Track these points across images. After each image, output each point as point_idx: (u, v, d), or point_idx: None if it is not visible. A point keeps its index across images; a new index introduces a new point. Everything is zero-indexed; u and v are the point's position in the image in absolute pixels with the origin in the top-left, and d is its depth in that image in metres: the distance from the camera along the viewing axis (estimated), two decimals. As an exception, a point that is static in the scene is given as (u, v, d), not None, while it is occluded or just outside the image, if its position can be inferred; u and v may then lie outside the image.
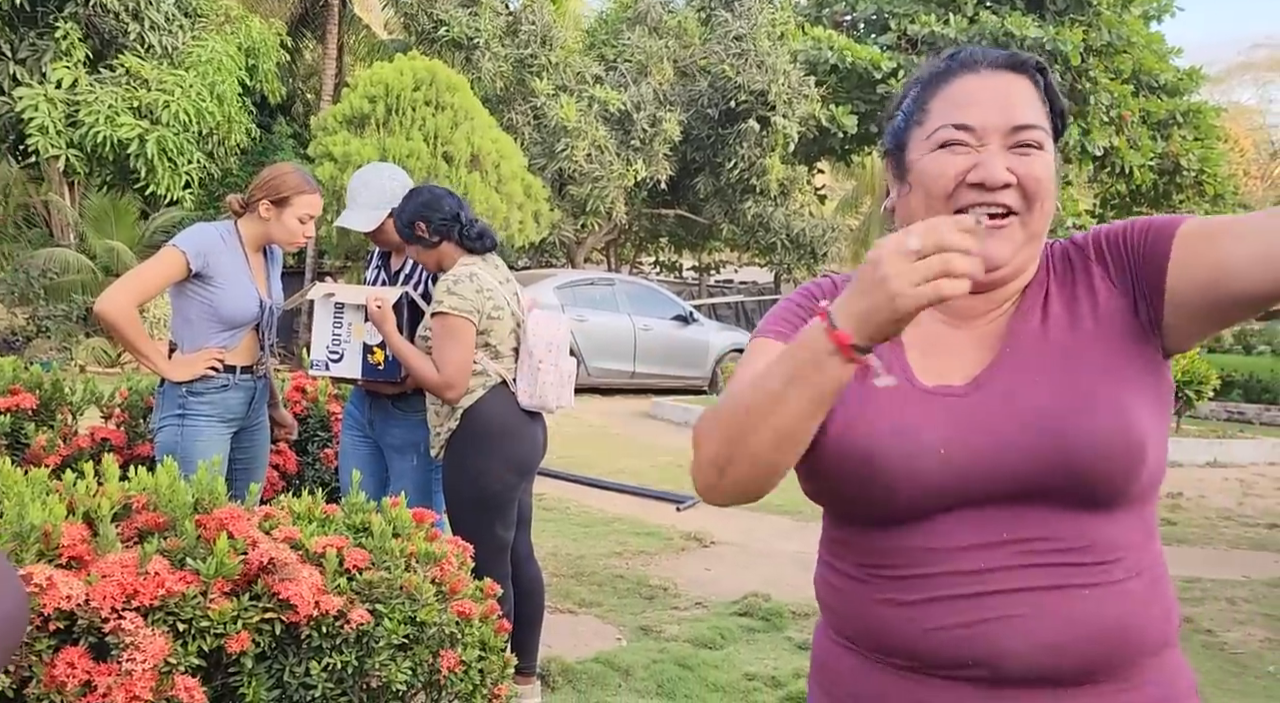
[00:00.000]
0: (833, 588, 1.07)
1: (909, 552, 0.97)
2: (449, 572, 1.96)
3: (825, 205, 19.53)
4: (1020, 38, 15.41)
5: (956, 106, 1.01)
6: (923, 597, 0.96)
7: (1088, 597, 0.93)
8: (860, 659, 1.03)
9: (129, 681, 1.48)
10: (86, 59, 9.91)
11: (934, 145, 1.01)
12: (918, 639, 0.96)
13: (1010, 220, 0.99)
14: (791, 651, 3.29)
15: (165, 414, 2.59)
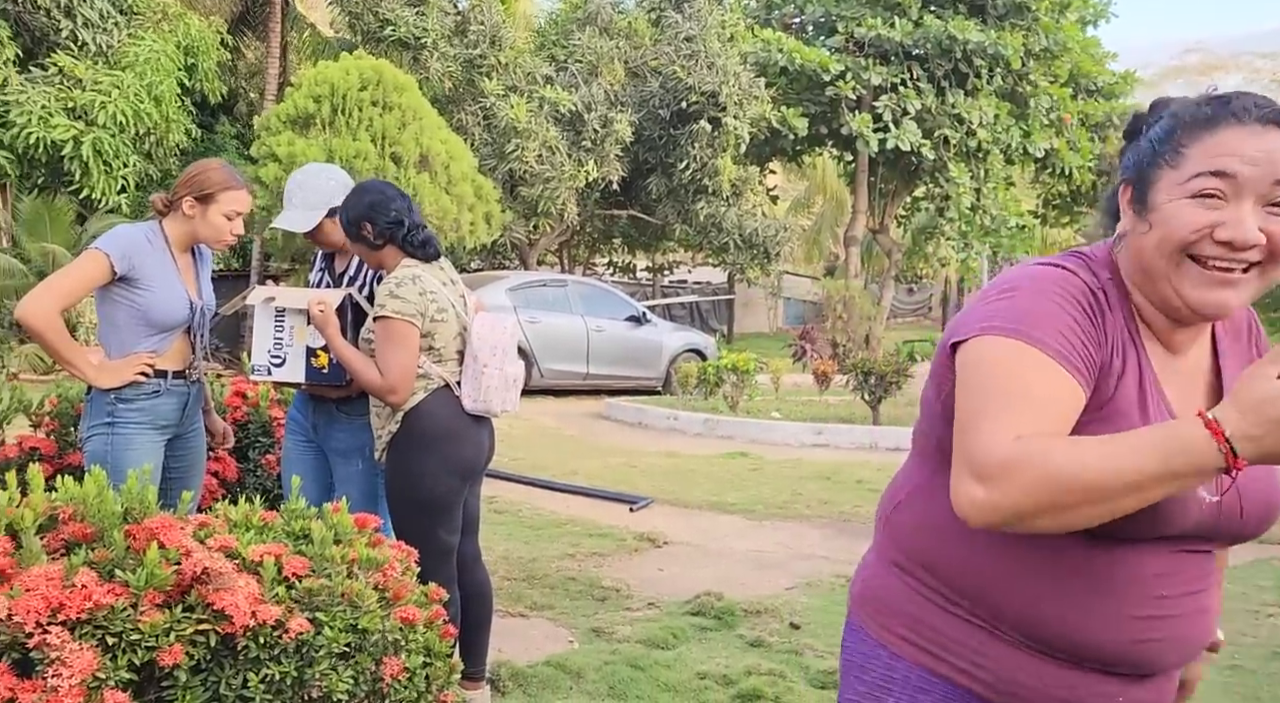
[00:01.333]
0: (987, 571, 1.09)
1: (1106, 566, 1.05)
2: (392, 578, 1.93)
3: (777, 206, 19.72)
4: (963, 41, 15.74)
5: (1218, 157, 1.00)
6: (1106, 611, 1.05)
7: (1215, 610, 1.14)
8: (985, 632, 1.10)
9: (55, 697, 1.42)
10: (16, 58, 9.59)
11: (1187, 193, 1.01)
12: (1121, 649, 1.06)
13: (1250, 274, 1.02)
14: (743, 649, 3.30)
15: (94, 423, 2.51)
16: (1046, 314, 1.02)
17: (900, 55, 16.24)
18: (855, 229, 18.65)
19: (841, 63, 16.03)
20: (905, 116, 16.08)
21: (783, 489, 6.28)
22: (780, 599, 3.91)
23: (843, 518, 5.53)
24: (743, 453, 7.81)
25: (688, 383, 10.44)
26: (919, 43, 16.01)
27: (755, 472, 7.01)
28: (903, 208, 20.02)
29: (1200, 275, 1.02)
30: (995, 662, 1.09)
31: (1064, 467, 0.90)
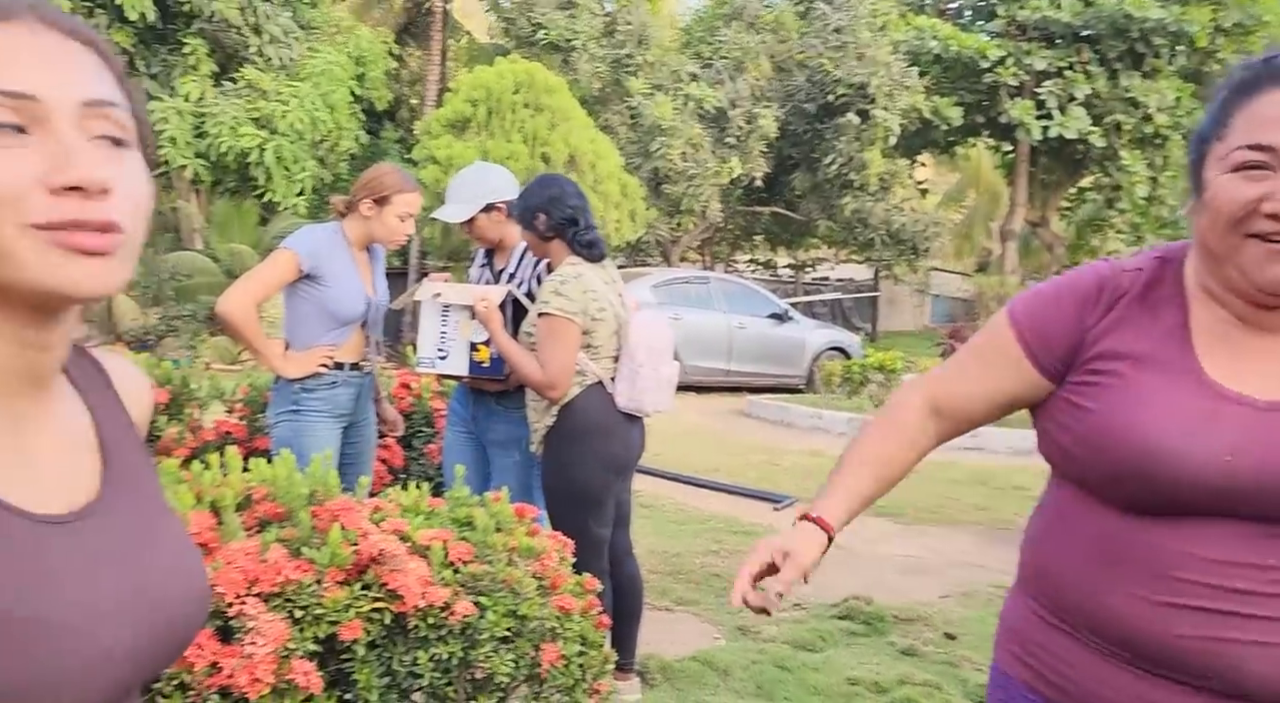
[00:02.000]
0: (1063, 565, 1.07)
1: (1165, 551, 0.98)
2: (549, 567, 1.99)
3: (927, 199, 18.99)
4: (1141, 19, 14.60)
5: (1259, 125, 0.94)
6: (1172, 600, 0.98)
7: None
8: (1076, 643, 1.06)
9: (251, 663, 1.55)
10: (212, 73, 10.50)
11: (1229, 166, 0.96)
12: (1167, 642, 0.98)
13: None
14: (895, 657, 3.21)
15: (280, 410, 2.72)
16: (1045, 294, 1.11)
17: (1068, 37, 15.26)
18: (1013, 222, 17.72)
19: (1001, 48, 15.24)
20: (1072, 102, 15.11)
21: (934, 493, 6.06)
22: (933, 608, 3.77)
23: (999, 525, 5.28)
24: (890, 455, 7.57)
25: (832, 381, 10.23)
26: (1090, 23, 14.99)
27: (903, 474, 6.78)
28: (1066, 199, 18.86)
29: (1263, 253, 0.94)
30: (1080, 672, 1.05)
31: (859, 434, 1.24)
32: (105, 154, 0.62)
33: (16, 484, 0.62)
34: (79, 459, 0.68)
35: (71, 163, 0.59)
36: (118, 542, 0.67)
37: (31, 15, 0.61)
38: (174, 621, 0.68)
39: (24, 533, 0.61)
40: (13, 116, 0.58)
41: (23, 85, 0.59)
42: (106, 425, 0.72)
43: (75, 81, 0.61)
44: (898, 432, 1.21)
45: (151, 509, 0.72)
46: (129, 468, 0.72)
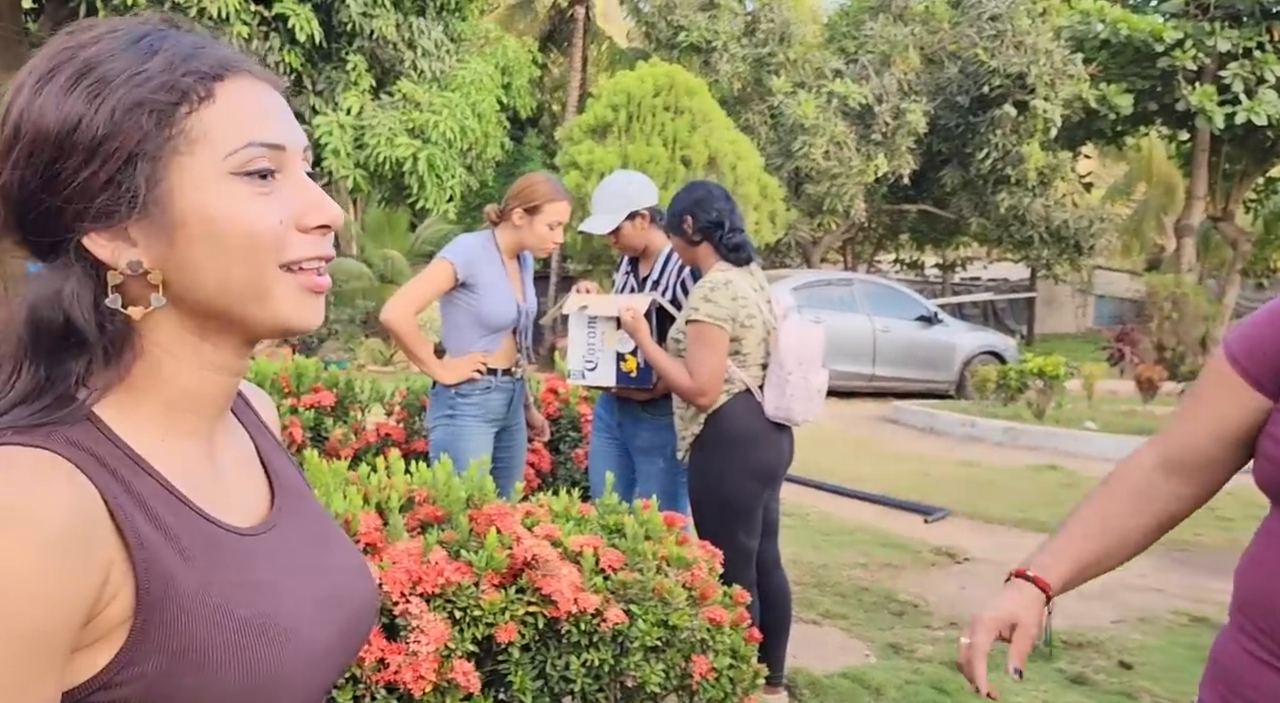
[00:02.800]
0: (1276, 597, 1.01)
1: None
2: (699, 577, 1.96)
3: (1091, 194, 17.84)
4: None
5: None
6: None
7: None
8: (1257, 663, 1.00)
9: (415, 660, 1.59)
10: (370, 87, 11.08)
11: None
12: None
13: None
14: (1063, 684, 3.00)
15: (437, 414, 2.81)
16: (1261, 315, 1.05)
17: (1257, 15, 13.94)
18: (1191, 217, 16.37)
19: (1179, 29, 14.10)
20: (1262, 85, 13.81)
21: (1101, 510, 5.65)
22: (1106, 633, 3.51)
23: (1179, 547, 4.87)
24: (1052, 466, 7.14)
25: (985, 387, 9.74)
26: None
27: (1068, 488, 6.37)
28: (1253, 190, 17.28)
29: None
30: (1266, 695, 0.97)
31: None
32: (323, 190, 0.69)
33: (218, 503, 0.67)
34: (253, 477, 0.74)
35: (324, 205, 0.67)
36: (301, 549, 0.71)
37: (248, 70, 0.67)
38: (359, 617, 0.73)
39: (233, 544, 0.65)
40: (272, 164, 0.65)
41: (278, 137, 0.66)
42: (261, 443, 0.78)
43: (297, 128, 0.69)
44: (1122, 490, 1.14)
45: (318, 517, 0.77)
46: (290, 481, 0.77)
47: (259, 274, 0.64)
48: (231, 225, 0.63)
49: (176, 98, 0.63)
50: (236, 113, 0.64)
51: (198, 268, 0.63)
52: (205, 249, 0.63)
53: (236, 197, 0.63)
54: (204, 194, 0.63)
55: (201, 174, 0.63)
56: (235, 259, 0.63)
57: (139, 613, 0.59)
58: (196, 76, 0.64)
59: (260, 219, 0.64)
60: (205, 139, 0.63)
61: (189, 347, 0.65)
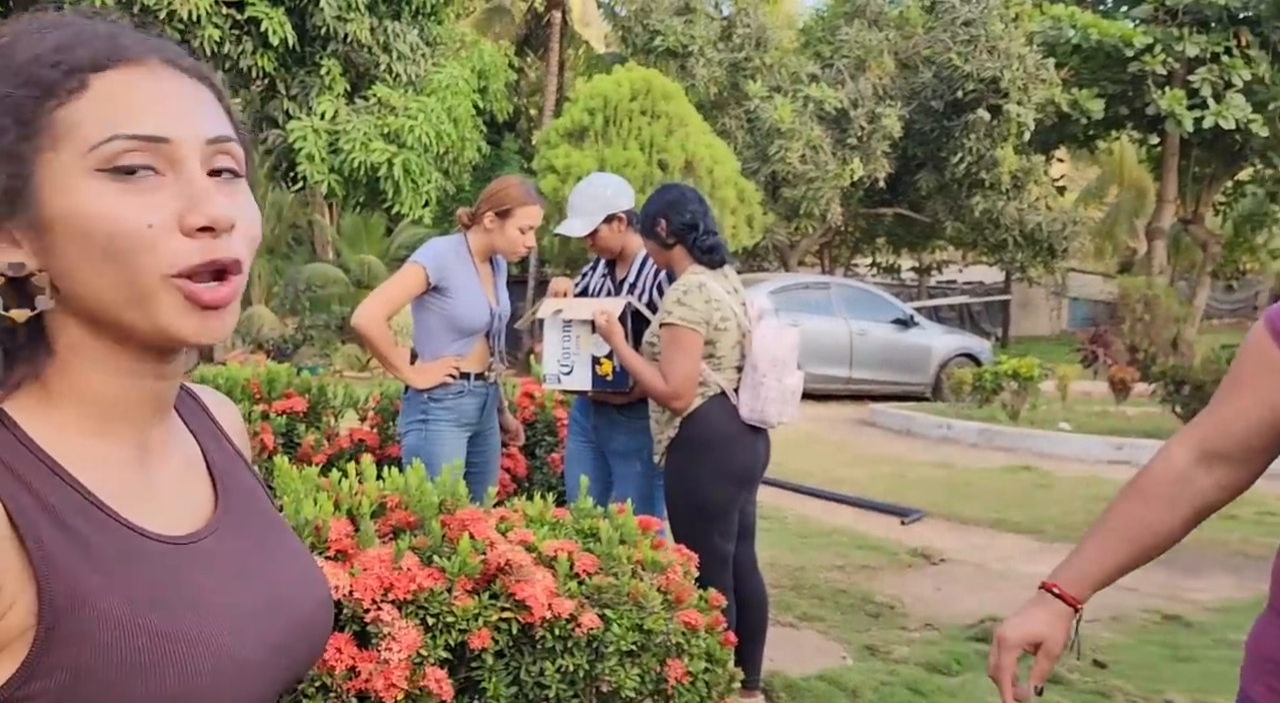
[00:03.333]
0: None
1: None
2: (674, 581, 1.95)
3: (1064, 197, 18.05)
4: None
5: None
6: None
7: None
8: None
9: (387, 669, 1.58)
10: (345, 91, 11.02)
11: None
12: None
13: None
14: (1036, 684, 3.02)
15: (410, 419, 2.79)
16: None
17: (1225, 20, 14.17)
18: (1161, 220, 16.61)
19: (1148, 34, 14.30)
20: (1230, 89, 14.03)
21: (1075, 509, 5.71)
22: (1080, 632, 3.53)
23: (1150, 547, 4.92)
24: (1026, 467, 7.21)
25: (961, 389, 9.82)
26: (1250, 4, 13.89)
27: (1042, 488, 6.43)
28: (1222, 194, 17.56)
29: None
30: None
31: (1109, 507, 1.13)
32: (228, 190, 0.63)
33: (146, 510, 0.65)
34: (194, 484, 0.71)
35: (203, 203, 0.60)
36: (241, 557, 0.69)
37: (155, 57, 0.63)
38: (302, 628, 0.70)
39: (157, 554, 0.63)
40: (149, 159, 0.60)
41: (156, 128, 0.60)
42: (212, 451, 0.75)
43: (200, 120, 0.63)
44: (1154, 489, 1.11)
45: (266, 525, 0.74)
46: (239, 489, 0.74)
47: (132, 280, 0.59)
48: (94, 226, 0.58)
49: (39, 92, 0.59)
50: (110, 104, 0.60)
51: (74, 271, 0.59)
52: (76, 252, 0.59)
53: (100, 195, 0.59)
54: (68, 193, 0.59)
55: (65, 171, 0.59)
56: (104, 264, 0.59)
57: (41, 624, 0.57)
58: (66, 68, 0.59)
59: (123, 220, 0.59)
60: (72, 134, 0.59)
61: (95, 351, 0.63)
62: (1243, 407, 1.05)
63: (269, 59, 10.33)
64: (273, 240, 16.42)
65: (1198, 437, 1.09)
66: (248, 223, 0.64)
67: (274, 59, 10.42)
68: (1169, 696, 2.90)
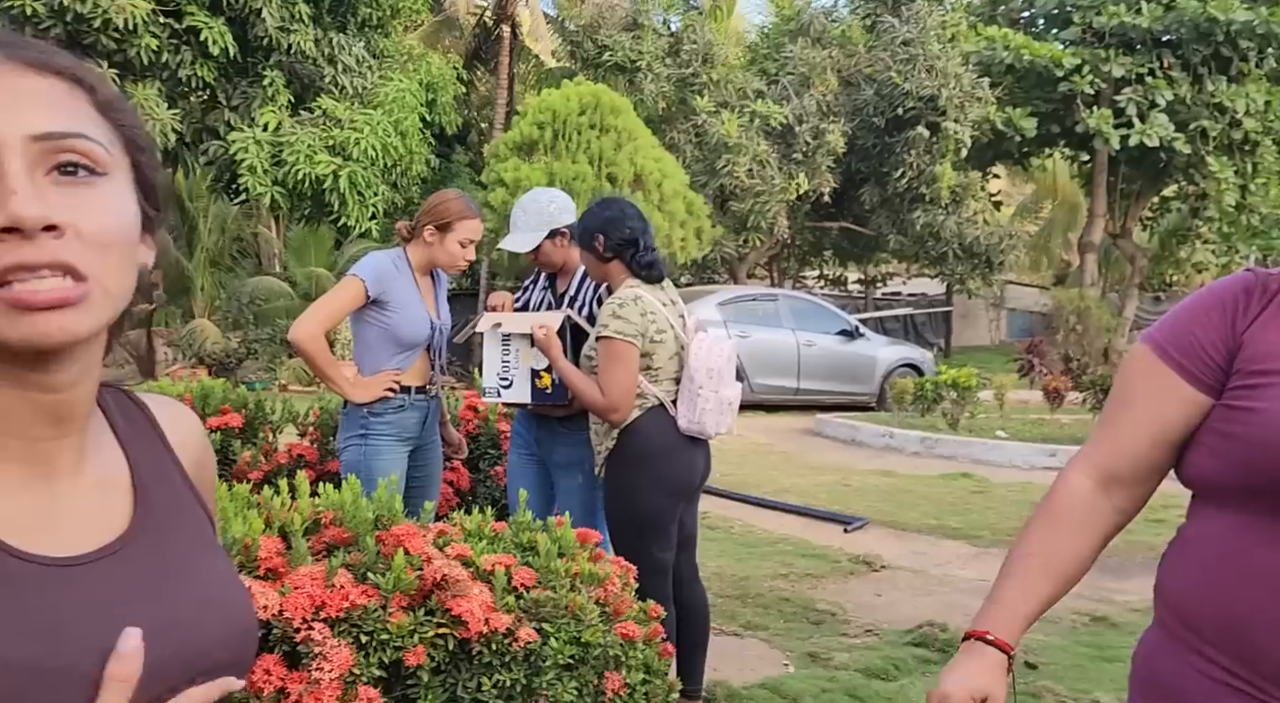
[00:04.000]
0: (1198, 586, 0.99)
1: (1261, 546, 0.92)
2: (612, 593, 1.97)
3: (1001, 212, 18.55)
4: (1226, 22, 14.06)
5: None
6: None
7: None
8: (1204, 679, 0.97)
9: (318, 689, 1.56)
10: (289, 103, 10.88)
11: None
12: None
13: None
14: (971, 688, 3.09)
15: (349, 434, 2.76)
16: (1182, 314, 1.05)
17: (1148, 43, 14.76)
18: (1092, 234, 17.16)
19: (1077, 56, 14.82)
20: (1154, 109, 14.59)
21: (1011, 515, 5.86)
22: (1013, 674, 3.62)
23: (1082, 551, 5.07)
24: (965, 474, 7.37)
25: (903, 399, 10.01)
26: (1171, 28, 14.48)
27: (979, 494, 6.59)
28: (1149, 209, 18.20)
29: None
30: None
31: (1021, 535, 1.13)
32: (61, 190, 0.59)
33: (33, 529, 0.62)
34: (109, 501, 0.68)
35: (7, 203, 0.56)
36: (142, 580, 0.66)
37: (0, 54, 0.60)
38: (208, 655, 0.67)
39: (29, 578, 0.60)
40: None
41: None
42: (142, 467, 0.71)
43: (25, 116, 0.58)
44: (1064, 517, 1.09)
45: (186, 546, 0.71)
46: (164, 507, 0.71)
47: None
48: None
49: None
50: None
51: None
52: None
53: None
54: None
55: None
56: None
57: None
58: None
59: None
60: None
61: None
62: (1136, 426, 1.05)
63: (209, 69, 10.16)
64: (216, 253, 16.08)
65: (1094, 462, 1.09)
66: (94, 225, 0.59)
67: (214, 69, 10.25)
68: (1096, 695, 2.99)
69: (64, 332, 0.58)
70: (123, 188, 0.63)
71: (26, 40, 0.62)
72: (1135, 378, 1.06)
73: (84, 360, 0.64)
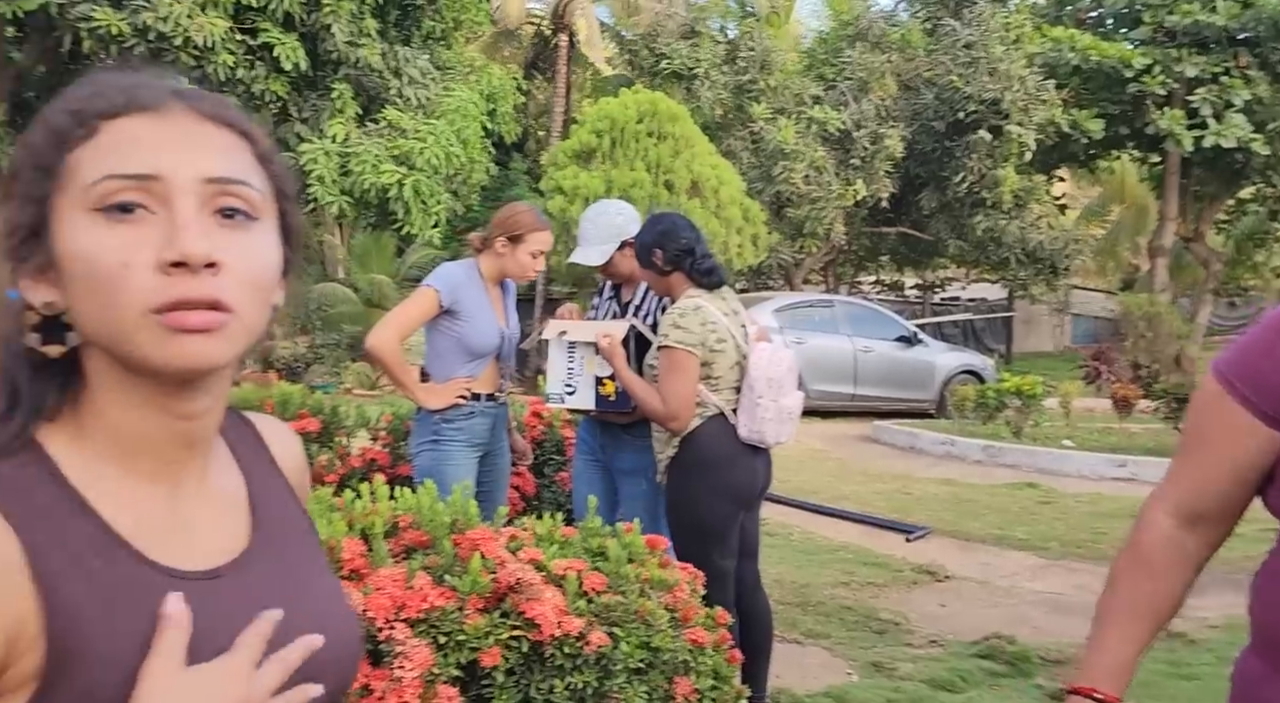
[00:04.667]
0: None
1: None
2: (681, 599, 2.00)
3: (1065, 215, 18.13)
4: (1305, 19, 13.52)
5: None
6: None
7: None
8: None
9: (399, 687, 1.62)
10: (356, 115, 11.16)
11: None
12: None
13: None
14: (1042, 701, 3.04)
15: (421, 440, 2.84)
16: (1251, 347, 1.01)
17: (1224, 42, 14.29)
18: (1163, 238, 16.66)
19: (1148, 56, 14.41)
20: (1229, 110, 14.13)
21: (1080, 526, 5.73)
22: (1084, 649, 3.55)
23: (1154, 565, 4.93)
24: (1030, 484, 7.22)
25: (964, 406, 9.84)
26: (1248, 25, 13.99)
27: (1046, 505, 6.45)
28: (1224, 212, 17.61)
29: None
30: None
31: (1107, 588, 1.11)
32: (223, 231, 0.63)
33: (168, 544, 0.66)
34: (229, 517, 0.71)
35: (178, 239, 0.60)
36: (264, 595, 0.69)
37: (178, 103, 0.65)
38: (322, 673, 0.69)
39: (166, 589, 0.64)
40: (140, 197, 0.61)
41: (146, 167, 0.62)
42: (257, 485, 0.75)
43: (199, 160, 0.63)
44: (1153, 559, 1.09)
45: (298, 562, 0.74)
46: (277, 524, 0.74)
47: (116, 316, 0.60)
48: (79, 265, 0.61)
49: (56, 140, 0.63)
50: (111, 147, 0.62)
51: (76, 307, 0.62)
52: (75, 289, 0.62)
53: (90, 233, 0.61)
54: (69, 232, 0.61)
55: (69, 212, 0.61)
56: (91, 299, 0.61)
57: (47, 672, 0.58)
58: (81, 117, 0.63)
59: (102, 258, 0.60)
60: (76, 176, 0.62)
61: (118, 384, 0.64)
62: (1214, 466, 1.04)
63: (282, 84, 10.47)
64: (283, 260, 16.52)
65: (1175, 500, 1.09)
66: (246, 265, 0.63)
67: (286, 84, 10.57)
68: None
69: (205, 357, 0.62)
70: (271, 233, 0.68)
71: (204, 93, 0.68)
72: (1208, 415, 1.05)
73: (216, 391, 0.68)
